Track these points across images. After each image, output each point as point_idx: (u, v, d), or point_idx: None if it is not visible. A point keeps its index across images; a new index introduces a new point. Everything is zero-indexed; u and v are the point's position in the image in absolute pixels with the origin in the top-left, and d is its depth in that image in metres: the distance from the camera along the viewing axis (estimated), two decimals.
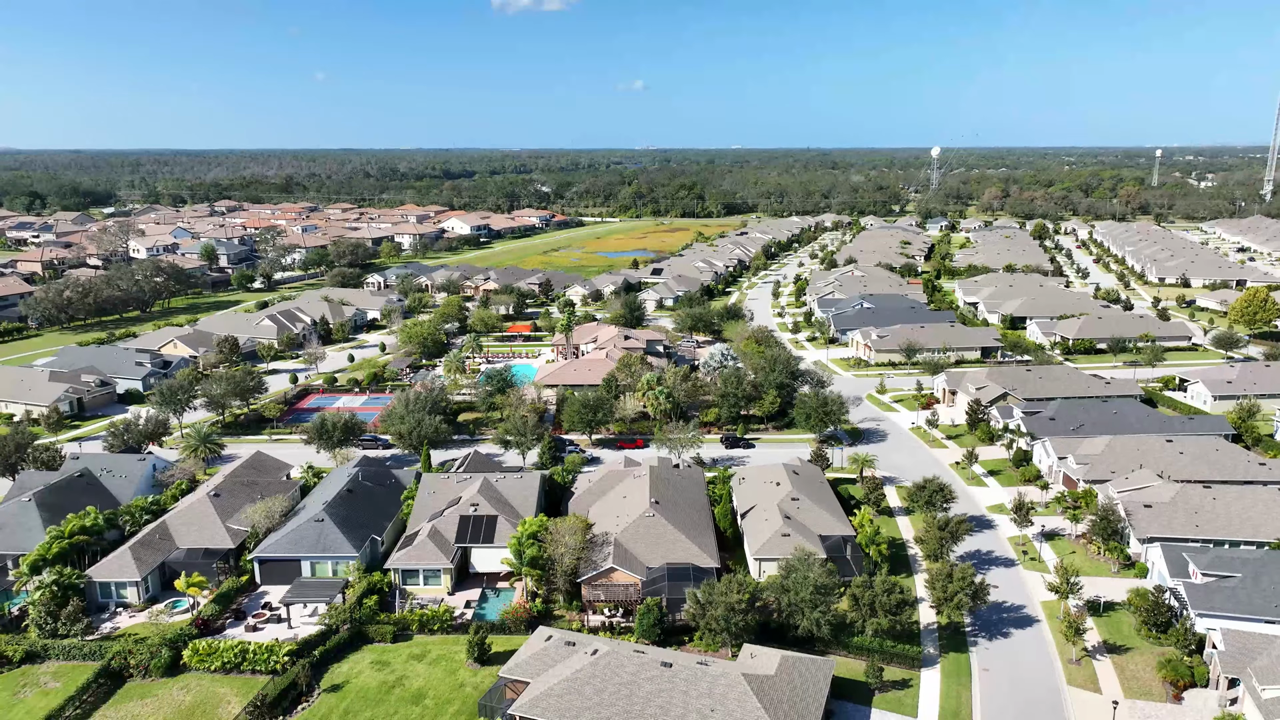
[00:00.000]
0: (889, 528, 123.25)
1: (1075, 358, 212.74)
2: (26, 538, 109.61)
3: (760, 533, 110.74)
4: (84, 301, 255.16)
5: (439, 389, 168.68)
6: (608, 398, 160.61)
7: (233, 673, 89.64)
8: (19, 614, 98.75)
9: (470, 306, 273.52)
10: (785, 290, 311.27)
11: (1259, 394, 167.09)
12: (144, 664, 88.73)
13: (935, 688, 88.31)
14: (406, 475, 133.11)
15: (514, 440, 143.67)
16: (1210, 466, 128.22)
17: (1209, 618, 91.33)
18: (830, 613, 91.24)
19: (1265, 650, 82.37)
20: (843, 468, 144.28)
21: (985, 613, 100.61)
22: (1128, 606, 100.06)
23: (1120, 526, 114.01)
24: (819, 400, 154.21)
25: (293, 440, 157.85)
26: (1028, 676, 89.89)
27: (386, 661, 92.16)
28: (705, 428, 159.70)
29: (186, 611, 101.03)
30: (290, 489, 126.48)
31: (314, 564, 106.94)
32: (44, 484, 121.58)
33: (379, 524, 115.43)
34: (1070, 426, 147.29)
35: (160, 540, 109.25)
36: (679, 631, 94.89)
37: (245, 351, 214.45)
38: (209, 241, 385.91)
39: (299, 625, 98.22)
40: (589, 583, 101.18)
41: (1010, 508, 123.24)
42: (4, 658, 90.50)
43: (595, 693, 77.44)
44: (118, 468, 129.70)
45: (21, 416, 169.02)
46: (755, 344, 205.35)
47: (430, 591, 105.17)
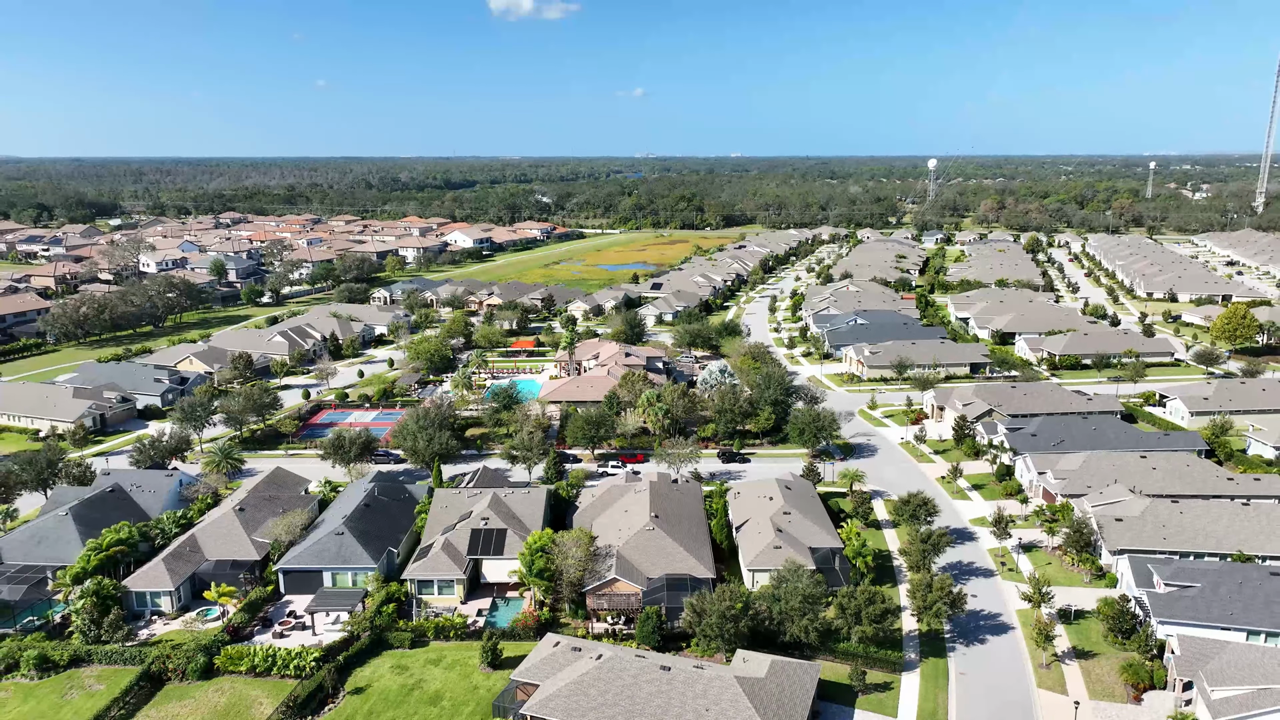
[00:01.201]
0: (877, 540, 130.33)
1: (1061, 373, 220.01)
2: (65, 550, 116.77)
3: (754, 545, 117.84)
4: (99, 317, 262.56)
5: (448, 405, 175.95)
6: (609, 414, 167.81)
7: (263, 676, 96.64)
8: (62, 621, 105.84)
9: (475, 322, 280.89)
10: (782, 305, 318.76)
11: (1234, 410, 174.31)
12: (181, 668, 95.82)
13: (915, 690, 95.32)
14: (418, 489, 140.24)
15: (520, 456, 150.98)
16: (1181, 481, 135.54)
17: (1169, 625, 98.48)
18: (818, 620, 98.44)
19: (1217, 655, 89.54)
20: (834, 482, 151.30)
21: (964, 620, 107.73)
22: (1097, 614, 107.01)
23: (1093, 539, 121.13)
24: (811, 417, 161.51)
25: (308, 455, 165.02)
26: (1001, 680, 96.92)
27: (405, 666, 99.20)
28: (703, 443, 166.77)
29: (217, 619, 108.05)
30: (309, 503, 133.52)
31: (335, 575, 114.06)
32: (77, 499, 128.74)
33: (395, 537, 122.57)
34: (1051, 442, 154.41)
35: (190, 552, 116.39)
36: (677, 638, 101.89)
37: (258, 367, 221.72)
38: (218, 257, 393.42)
39: (323, 632, 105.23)
40: (593, 592, 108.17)
41: (991, 521, 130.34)
42: (51, 662, 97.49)
43: (600, 694, 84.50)
44: (146, 483, 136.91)
45: (47, 432, 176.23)
46: (751, 360, 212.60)
47: (444, 600, 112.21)
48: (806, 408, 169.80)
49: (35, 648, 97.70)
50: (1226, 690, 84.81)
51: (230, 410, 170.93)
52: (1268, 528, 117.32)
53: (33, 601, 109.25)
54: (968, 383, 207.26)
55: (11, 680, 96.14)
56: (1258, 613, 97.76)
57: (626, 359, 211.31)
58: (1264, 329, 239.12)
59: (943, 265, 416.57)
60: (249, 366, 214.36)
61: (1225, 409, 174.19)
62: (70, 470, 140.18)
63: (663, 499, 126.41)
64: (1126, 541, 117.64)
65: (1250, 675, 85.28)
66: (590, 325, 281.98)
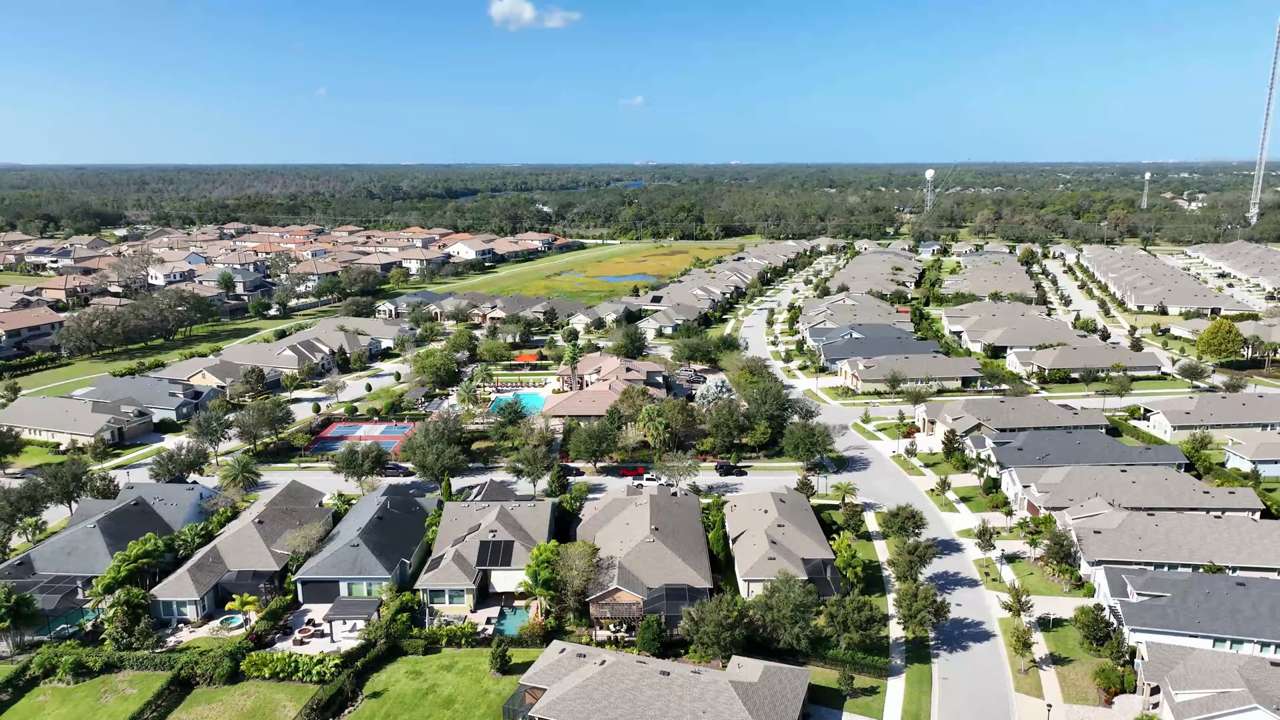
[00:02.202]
0: (867, 551, 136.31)
1: (1051, 387, 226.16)
2: (94, 561, 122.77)
3: (749, 556, 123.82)
4: (112, 331, 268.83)
5: (454, 419, 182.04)
6: (611, 428, 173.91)
7: (285, 681, 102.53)
8: (93, 629, 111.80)
9: (479, 335, 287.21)
10: (779, 319, 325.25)
11: (1216, 424, 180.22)
12: (209, 673, 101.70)
13: (900, 694, 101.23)
14: (427, 502, 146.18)
15: (525, 470, 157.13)
16: (1159, 494, 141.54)
17: (1140, 632, 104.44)
18: (809, 628, 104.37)
19: (1181, 660, 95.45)
20: (827, 494, 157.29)
21: (948, 628, 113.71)
22: (1074, 622, 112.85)
23: (1072, 550, 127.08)
24: (806, 431, 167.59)
25: (321, 468, 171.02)
26: (981, 684, 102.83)
27: (420, 671, 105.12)
28: (701, 456, 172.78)
29: (239, 627, 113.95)
30: (323, 515, 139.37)
31: (351, 585, 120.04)
32: (102, 511, 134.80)
33: (407, 548, 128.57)
34: (1036, 456, 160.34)
35: (213, 563, 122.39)
36: (676, 645, 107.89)
37: (269, 381, 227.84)
38: (226, 270, 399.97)
39: (341, 639, 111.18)
40: (596, 602, 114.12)
41: (976, 533, 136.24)
42: (86, 667, 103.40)
43: (603, 698, 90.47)
44: (168, 496, 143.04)
45: (67, 445, 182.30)
46: (749, 374, 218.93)
47: (455, 609, 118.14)
48: (801, 422, 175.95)
49: (71, 654, 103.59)
50: (1189, 693, 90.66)
51: (245, 424, 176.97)
52: (1237, 540, 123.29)
53: (65, 610, 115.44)
54: (959, 396, 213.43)
55: (50, 684, 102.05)
56: (1223, 621, 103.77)
57: (627, 373, 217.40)
58: (1248, 343, 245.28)
59: (938, 277, 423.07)
60: (260, 380, 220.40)
61: (1206, 423, 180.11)
62: (94, 484, 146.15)
63: (662, 512, 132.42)
64: (1104, 553, 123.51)
65: (1211, 679, 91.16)
66: (592, 339, 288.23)
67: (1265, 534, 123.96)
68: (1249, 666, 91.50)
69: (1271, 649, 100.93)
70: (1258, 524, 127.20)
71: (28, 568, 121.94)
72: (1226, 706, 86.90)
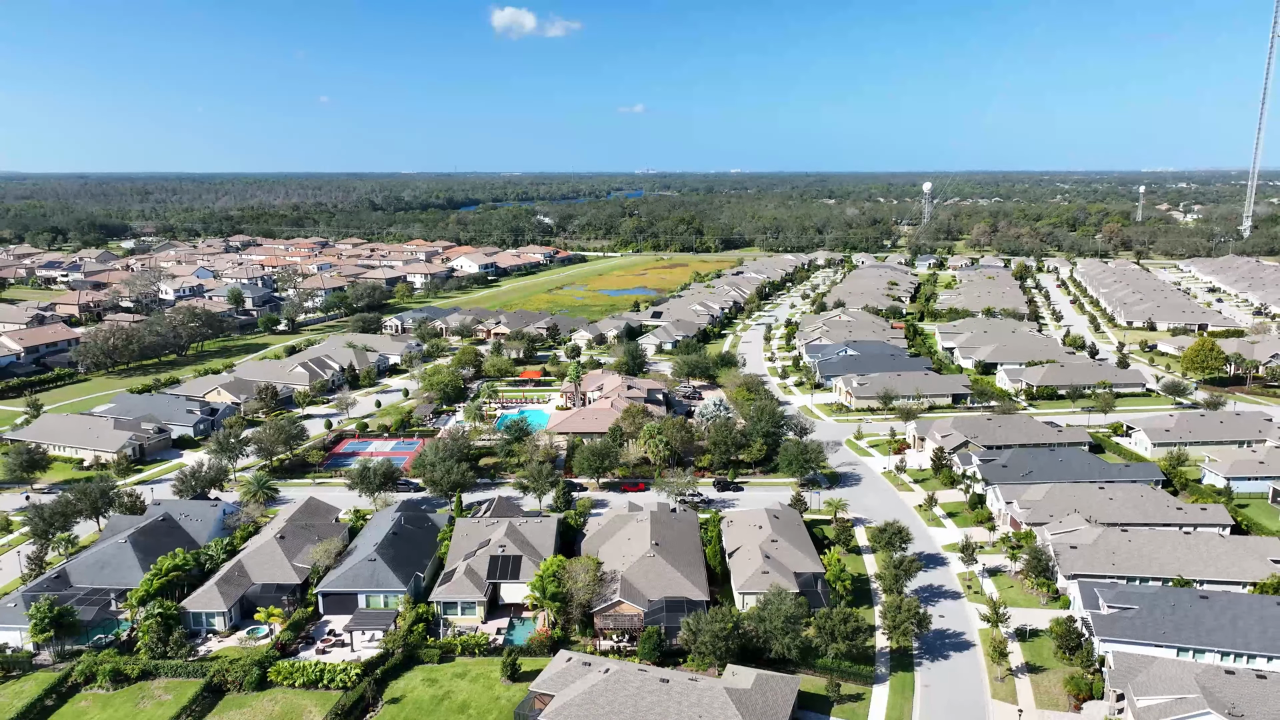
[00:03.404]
0: (857, 565, 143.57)
1: (1038, 403, 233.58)
2: (126, 574, 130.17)
3: (744, 570, 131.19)
4: (128, 348, 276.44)
5: (463, 435, 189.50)
6: (613, 446, 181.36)
7: (309, 688, 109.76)
8: (128, 639, 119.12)
9: (484, 351, 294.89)
10: (776, 334, 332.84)
11: (1194, 441, 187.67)
12: (239, 680, 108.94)
13: (884, 701, 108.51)
14: (439, 517, 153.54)
15: (531, 485, 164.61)
16: (1134, 510, 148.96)
17: (1109, 642, 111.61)
18: (799, 638, 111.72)
19: (1145, 669, 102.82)
20: (820, 509, 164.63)
21: (930, 638, 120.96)
22: (1049, 633, 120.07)
23: (1050, 565, 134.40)
24: (800, 449, 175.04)
25: (335, 484, 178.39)
26: (960, 692, 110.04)
27: (435, 679, 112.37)
28: (700, 472, 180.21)
29: (265, 637, 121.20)
30: (340, 530, 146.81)
31: (369, 597, 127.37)
32: (131, 527, 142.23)
33: (421, 562, 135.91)
34: (1020, 473, 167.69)
35: (239, 577, 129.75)
36: (675, 654, 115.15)
37: (282, 398, 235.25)
38: (235, 285, 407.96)
39: (361, 649, 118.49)
40: (600, 613, 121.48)
41: (960, 547, 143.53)
42: (123, 675, 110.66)
43: (608, 703, 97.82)
44: (193, 512, 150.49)
45: (90, 461, 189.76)
46: (746, 391, 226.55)
47: (467, 620, 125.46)
48: (795, 439, 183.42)
49: (110, 662, 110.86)
50: (1150, 699, 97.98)
51: (261, 441, 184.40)
52: (1205, 554, 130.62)
53: (101, 620, 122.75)
54: (950, 413, 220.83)
55: (90, 691, 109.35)
56: (1186, 631, 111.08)
57: (629, 391, 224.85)
58: (1230, 360, 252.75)
59: (934, 292, 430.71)
60: (274, 398, 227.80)
61: (1185, 440, 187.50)
62: (122, 500, 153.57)
63: (662, 528, 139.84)
64: (1079, 567, 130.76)
65: (1170, 686, 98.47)
66: (594, 354, 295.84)
67: (1231, 549, 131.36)
68: (1205, 674, 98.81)
69: (1230, 658, 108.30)
70: (1225, 539, 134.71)
71: (64, 580, 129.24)
72: (1183, 711, 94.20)
